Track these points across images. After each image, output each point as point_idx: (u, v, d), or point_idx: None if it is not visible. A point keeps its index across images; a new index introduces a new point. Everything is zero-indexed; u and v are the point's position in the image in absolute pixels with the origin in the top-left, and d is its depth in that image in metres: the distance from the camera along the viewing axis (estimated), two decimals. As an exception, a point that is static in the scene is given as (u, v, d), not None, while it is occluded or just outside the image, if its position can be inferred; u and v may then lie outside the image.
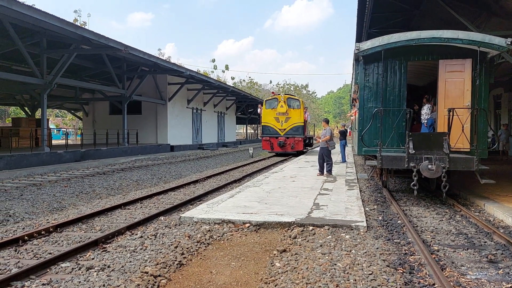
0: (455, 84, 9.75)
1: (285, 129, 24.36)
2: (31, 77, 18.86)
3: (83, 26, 31.29)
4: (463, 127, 9.19)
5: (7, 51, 20.36)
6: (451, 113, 9.02)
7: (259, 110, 26.24)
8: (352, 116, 17.83)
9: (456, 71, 9.72)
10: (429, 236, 6.63)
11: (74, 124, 58.47)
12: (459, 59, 9.69)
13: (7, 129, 23.54)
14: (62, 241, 6.46)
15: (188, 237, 6.19)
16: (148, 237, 6.37)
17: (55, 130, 45.59)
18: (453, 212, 8.53)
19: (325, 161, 13.33)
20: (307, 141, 28.12)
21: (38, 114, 30.40)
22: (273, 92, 27.03)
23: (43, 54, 19.33)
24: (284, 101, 24.55)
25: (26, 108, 30.52)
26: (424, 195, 10.63)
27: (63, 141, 28.46)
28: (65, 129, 45.94)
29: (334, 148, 13.16)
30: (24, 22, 15.83)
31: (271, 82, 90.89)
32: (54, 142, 30.19)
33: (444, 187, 8.55)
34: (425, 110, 11.11)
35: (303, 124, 24.56)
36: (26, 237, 6.42)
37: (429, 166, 8.54)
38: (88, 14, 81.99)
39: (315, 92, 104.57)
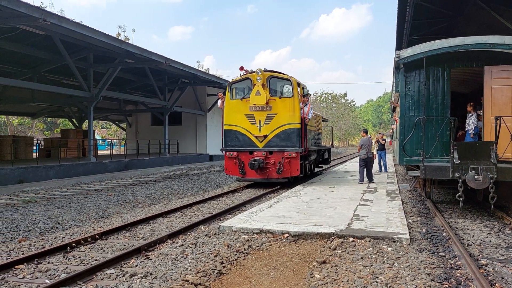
0: (502, 91, 9.35)
1: (266, 136, 13.58)
2: (79, 90, 19.88)
3: (126, 41, 32.54)
4: (511, 135, 8.77)
5: (57, 66, 21.56)
6: (498, 121, 8.64)
7: (219, 102, 15.02)
8: (393, 125, 17.43)
9: (503, 78, 9.32)
10: (476, 249, 6.34)
11: (118, 135, 60.61)
12: (506, 65, 9.30)
13: (56, 140, 24.76)
14: (107, 248, 6.69)
15: (227, 246, 6.24)
16: (189, 246, 6.49)
17: (100, 141, 47.42)
18: (502, 225, 8.12)
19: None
20: (313, 158, 16.76)
21: (85, 126, 31.79)
22: (242, 68, 14.18)
23: (90, 68, 20.30)
24: (262, 84, 13.39)
25: (74, 120, 32.01)
26: (471, 206, 10.19)
27: (108, 151, 29.57)
28: (109, 140, 47.69)
29: (365, 157, 13.52)
30: (73, 38, 16.72)
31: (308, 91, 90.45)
32: (99, 152, 31.44)
33: (491, 198, 8.15)
34: (473, 120, 10.64)
35: (299, 125, 13.57)
36: (73, 244, 6.70)
37: (476, 177, 8.18)
38: (133, 29, 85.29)
39: (354, 101, 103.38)
